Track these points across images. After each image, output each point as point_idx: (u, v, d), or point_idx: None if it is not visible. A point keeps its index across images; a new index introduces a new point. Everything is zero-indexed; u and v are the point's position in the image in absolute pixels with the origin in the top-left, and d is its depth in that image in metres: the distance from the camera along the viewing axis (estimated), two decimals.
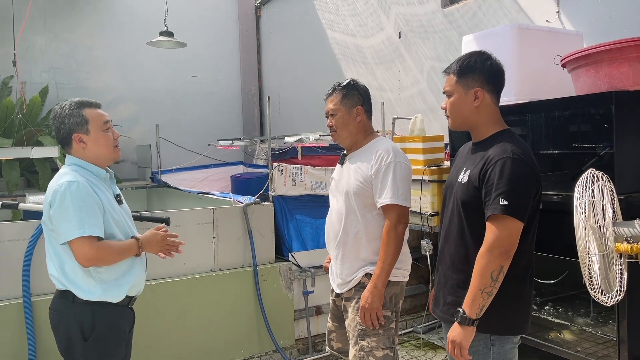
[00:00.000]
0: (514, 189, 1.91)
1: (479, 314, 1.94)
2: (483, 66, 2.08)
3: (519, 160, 1.95)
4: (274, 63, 8.58)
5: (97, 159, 2.38)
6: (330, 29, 6.94)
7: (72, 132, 2.33)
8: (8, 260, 3.22)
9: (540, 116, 3.46)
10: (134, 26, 7.80)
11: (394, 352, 2.60)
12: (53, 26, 7.70)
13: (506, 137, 2.06)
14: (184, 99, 8.43)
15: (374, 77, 6.15)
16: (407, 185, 2.57)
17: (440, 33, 5.21)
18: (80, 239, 2.16)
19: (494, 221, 1.93)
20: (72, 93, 7.70)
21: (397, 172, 2.52)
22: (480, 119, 2.11)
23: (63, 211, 2.18)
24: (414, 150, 4.47)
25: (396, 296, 2.63)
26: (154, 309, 3.64)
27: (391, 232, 2.50)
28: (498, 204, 1.91)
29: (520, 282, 2.07)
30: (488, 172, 1.98)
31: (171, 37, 5.76)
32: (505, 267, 1.93)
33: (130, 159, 8.10)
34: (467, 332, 1.95)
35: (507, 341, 2.07)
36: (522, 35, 3.47)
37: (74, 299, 2.24)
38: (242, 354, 4.00)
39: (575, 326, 3.46)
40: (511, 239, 1.92)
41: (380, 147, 2.59)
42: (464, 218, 2.09)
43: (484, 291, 1.93)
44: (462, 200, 2.08)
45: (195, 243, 3.88)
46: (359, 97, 2.67)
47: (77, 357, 2.27)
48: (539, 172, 2.04)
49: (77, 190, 2.21)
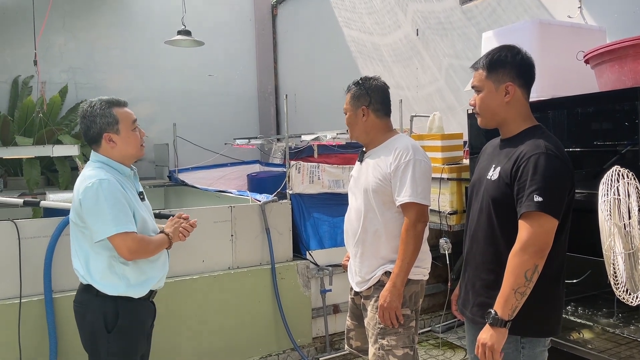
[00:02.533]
0: (549, 185, 1.85)
1: (511, 315, 1.87)
2: (514, 60, 2.03)
3: (553, 155, 1.89)
4: (290, 62, 8.58)
5: (124, 157, 2.42)
6: (346, 27, 6.91)
7: (102, 132, 2.36)
8: (30, 257, 3.26)
9: (563, 113, 3.42)
10: (151, 26, 7.86)
11: (414, 351, 2.58)
12: (72, 26, 7.79)
13: (538, 133, 2.00)
14: (200, 98, 8.47)
15: (392, 75, 6.11)
16: (427, 183, 2.54)
17: (459, 30, 5.16)
18: (120, 234, 2.21)
19: (528, 219, 1.86)
20: (91, 93, 7.78)
21: (416, 169, 2.48)
22: (510, 115, 2.05)
23: (98, 209, 2.21)
24: (433, 148, 4.43)
25: (416, 295, 2.60)
26: (173, 306, 3.65)
27: (410, 230, 2.48)
28: (532, 201, 1.84)
29: (553, 282, 2.00)
30: (521, 168, 1.91)
31: (189, 35, 5.78)
32: (540, 267, 1.86)
33: (147, 158, 8.16)
34: (499, 334, 1.88)
35: (538, 344, 2.01)
36: (543, 31, 3.42)
37: (98, 293, 2.29)
38: (260, 351, 4.00)
39: (598, 326, 3.40)
40: (546, 237, 1.85)
41: (399, 145, 2.56)
42: (494, 216, 2.02)
43: (518, 291, 1.85)
44: (493, 197, 2.02)
45: (214, 241, 3.90)
46: (366, 97, 2.63)
47: (101, 349, 2.31)
48: (573, 169, 1.97)
49: (109, 188, 2.24)
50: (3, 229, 3.23)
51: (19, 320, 3.15)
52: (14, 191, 6.16)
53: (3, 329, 3.14)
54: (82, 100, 7.68)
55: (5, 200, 3.53)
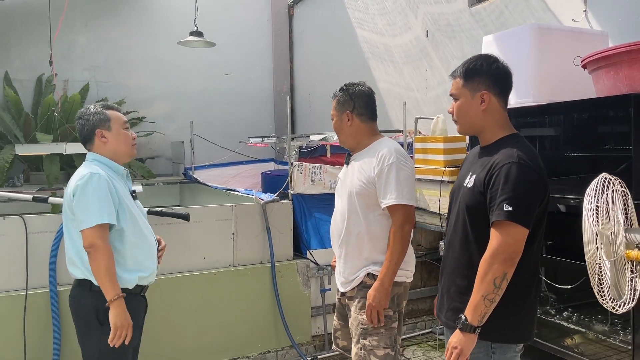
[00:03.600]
0: (519, 195, 1.88)
1: (480, 321, 1.92)
2: (489, 69, 2.06)
3: (525, 165, 1.92)
4: (305, 61, 8.65)
5: (116, 154, 2.57)
6: (359, 28, 6.94)
7: (95, 128, 2.54)
8: (36, 251, 3.41)
9: (559, 118, 3.40)
10: (169, 26, 8.00)
11: (395, 351, 2.64)
12: (94, 26, 8.00)
13: (513, 142, 2.03)
14: (217, 97, 8.60)
15: (402, 76, 6.13)
16: (411, 185, 2.61)
17: (467, 32, 5.15)
18: (98, 226, 2.33)
19: (498, 227, 1.91)
20: (111, 91, 8.01)
21: (400, 172, 2.55)
22: (487, 123, 2.09)
23: (85, 200, 2.36)
24: (435, 151, 4.45)
25: (399, 296, 2.67)
26: (173, 301, 3.77)
27: (398, 232, 2.54)
28: (502, 210, 1.88)
29: (525, 290, 2.04)
30: (493, 177, 1.95)
31: (201, 37, 5.90)
32: (509, 275, 1.90)
33: (165, 155, 8.35)
34: (469, 338, 1.93)
35: (509, 349, 2.04)
36: (542, 36, 3.41)
37: (91, 287, 2.41)
38: (259, 348, 4.09)
39: (592, 333, 3.38)
40: (516, 246, 1.89)
41: (382, 149, 2.62)
42: (469, 223, 2.06)
43: (487, 298, 1.90)
44: (467, 204, 2.06)
45: (215, 239, 4.00)
46: (350, 102, 2.73)
47: (93, 341, 2.44)
48: (546, 179, 2.00)
49: (98, 182, 2.39)
50: (12, 224, 3.39)
51: (25, 310, 3.31)
52: (35, 185, 6.40)
53: (9, 319, 3.29)
54: (103, 97, 7.93)
55: (15, 196, 3.69)
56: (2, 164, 6.01)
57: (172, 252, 3.83)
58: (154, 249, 2.65)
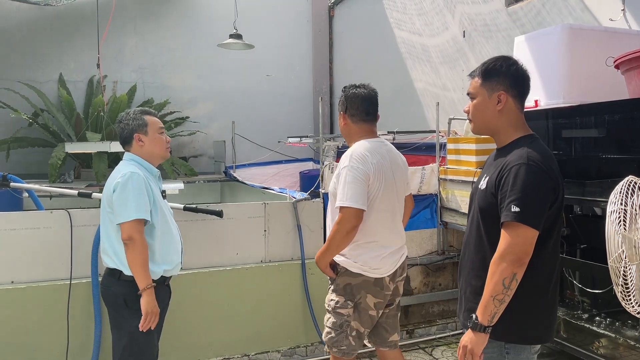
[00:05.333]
0: (527, 196, 1.90)
1: (491, 320, 1.94)
2: (508, 70, 2.08)
3: (535, 167, 1.93)
4: (344, 62, 8.72)
5: (151, 156, 2.78)
6: (397, 28, 6.96)
7: (134, 132, 2.76)
8: (80, 243, 3.62)
9: (591, 120, 3.35)
10: (212, 28, 8.23)
11: (340, 336, 2.82)
12: (142, 29, 8.34)
13: (526, 143, 2.03)
14: (258, 97, 8.80)
15: (438, 76, 6.11)
16: (357, 187, 2.69)
17: (504, 32, 5.10)
18: (135, 221, 2.54)
19: (507, 228, 1.93)
20: (157, 91, 8.32)
21: (348, 176, 2.69)
22: (502, 124, 2.10)
23: (124, 196, 2.57)
24: (467, 152, 4.44)
25: (351, 287, 2.82)
26: (207, 295, 3.92)
27: (334, 227, 2.72)
28: (510, 211, 1.90)
29: (540, 292, 2.05)
30: (503, 178, 1.97)
31: (240, 39, 6.06)
32: (519, 275, 1.91)
33: (207, 154, 8.61)
34: (480, 338, 1.95)
35: (523, 350, 2.05)
36: (574, 36, 3.36)
37: (120, 276, 2.61)
38: (289, 343, 4.20)
39: (622, 338, 3.32)
40: (524, 247, 1.90)
41: (347, 152, 2.81)
42: (482, 224, 2.09)
43: (496, 298, 1.92)
44: (481, 206, 2.09)
45: (248, 235, 4.13)
46: (344, 103, 2.92)
47: (124, 325, 2.64)
48: (559, 180, 1.99)
49: (138, 180, 2.60)
50: (59, 218, 3.62)
51: (69, 299, 3.53)
52: (84, 182, 6.75)
53: (55, 307, 3.52)
54: (149, 98, 8.25)
55: (63, 192, 3.93)
56: (54, 161, 6.37)
57: (206, 247, 4.01)
58: (179, 244, 2.86)
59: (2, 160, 6.85)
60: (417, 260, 4.71)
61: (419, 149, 5.47)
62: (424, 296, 4.75)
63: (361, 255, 2.78)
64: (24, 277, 3.53)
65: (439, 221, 4.79)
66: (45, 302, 3.51)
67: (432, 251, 4.81)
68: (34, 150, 7.24)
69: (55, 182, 6.39)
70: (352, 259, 2.79)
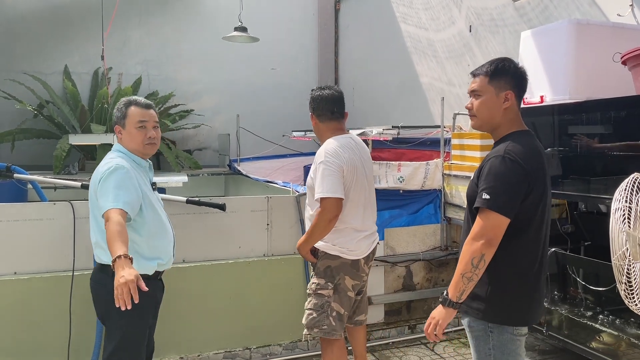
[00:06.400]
0: (496, 185, 2.05)
1: (459, 297, 2.10)
2: (516, 71, 2.21)
3: (509, 158, 2.06)
4: (350, 56, 8.69)
5: (134, 149, 2.71)
6: (403, 22, 6.92)
7: (115, 124, 2.71)
8: (83, 235, 3.60)
9: (597, 116, 3.32)
10: (217, 21, 8.20)
11: (321, 317, 3.08)
12: (147, 21, 8.32)
13: (513, 138, 2.16)
14: (263, 91, 8.77)
15: (444, 71, 6.08)
16: (335, 179, 2.97)
17: (510, 27, 5.05)
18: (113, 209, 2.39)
19: (479, 214, 2.10)
20: (162, 84, 8.31)
21: (325, 170, 2.96)
22: (503, 121, 2.22)
23: (105, 188, 2.48)
24: (471, 147, 4.42)
25: (331, 269, 3.09)
26: (208, 288, 3.93)
27: (317, 216, 2.99)
28: (481, 198, 2.07)
29: (522, 277, 2.19)
30: (482, 169, 2.15)
31: (245, 32, 6.04)
32: (487, 256, 2.07)
33: (212, 147, 8.60)
34: (448, 312, 2.13)
35: (505, 331, 2.18)
36: (581, 32, 3.33)
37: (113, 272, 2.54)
38: (291, 336, 4.20)
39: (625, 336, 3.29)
40: (494, 231, 2.06)
41: (320, 149, 3.07)
42: (469, 212, 2.25)
43: (464, 276, 2.08)
44: (468, 195, 2.25)
45: (250, 229, 4.13)
46: (311, 104, 3.18)
47: (114, 320, 2.60)
48: (536, 173, 2.10)
49: (121, 172, 2.53)
50: (61, 209, 3.62)
51: (71, 290, 3.54)
52: (88, 173, 6.74)
53: (57, 298, 3.53)
54: (154, 90, 8.24)
55: (66, 183, 3.94)
56: (59, 152, 6.38)
57: (209, 241, 4.01)
58: (172, 237, 2.80)
59: (7, 151, 6.86)
60: (420, 256, 4.70)
61: (423, 144, 5.44)
62: (427, 292, 4.74)
63: (338, 238, 3.06)
64: (27, 268, 3.54)
65: (443, 217, 4.78)
66: (47, 293, 3.52)
67: (435, 247, 4.80)
68: (39, 142, 7.24)
69: (59, 173, 6.40)
70: (331, 242, 3.06)
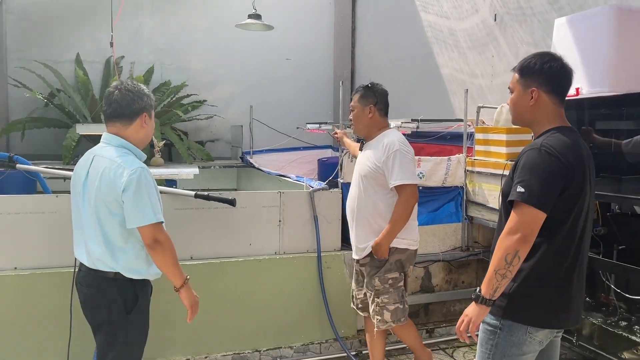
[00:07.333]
0: (532, 178, 1.99)
1: (492, 294, 2.04)
2: (542, 68, 2.15)
3: (545, 151, 2.01)
4: (367, 46, 8.42)
5: (143, 141, 2.52)
6: (424, 11, 6.64)
7: (144, 110, 2.44)
8: None
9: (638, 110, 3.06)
10: (231, 9, 7.98)
11: (404, 304, 3.31)
12: (160, 9, 8.13)
13: (552, 132, 2.12)
14: (277, 82, 8.55)
15: (466, 61, 5.81)
16: (413, 167, 3.21)
17: (539, 15, 4.77)
18: (155, 224, 2.30)
19: (514, 208, 2.03)
20: (175, 73, 8.14)
21: (403, 157, 3.11)
22: (535, 117, 2.19)
23: (140, 197, 2.27)
24: (497, 143, 4.18)
25: (401, 262, 3.26)
26: (217, 286, 3.76)
27: (402, 205, 3.12)
28: (516, 191, 2.01)
29: (548, 276, 2.09)
30: (518, 162, 2.11)
31: (259, 19, 5.83)
32: (522, 253, 1.99)
33: (224, 138, 8.42)
34: (481, 310, 2.07)
35: (518, 330, 2.11)
36: (622, 18, 3.07)
37: (115, 275, 2.35)
38: (302, 339, 4.02)
39: None
40: (529, 226, 1.99)
41: (388, 139, 3.19)
42: (502, 208, 2.21)
43: (498, 272, 2.02)
44: (503, 190, 2.20)
45: (262, 225, 3.94)
46: (374, 97, 3.31)
47: (119, 330, 2.39)
48: (575, 168, 2.02)
49: (148, 178, 2.33)
50: (64, 202, 3.45)
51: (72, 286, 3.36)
52: None
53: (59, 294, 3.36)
54: (166, 80, 8.07)
55: (68, 174, 3.76)
56: (69, 142, 6.24)
57: (218, 237, 3.83)
58: None
59: (17, 140, 6.75)
60: (440, 256, 4.48)
61: (443, 138, 5.20)
62: (446, 294, 4.53)
63: (404, 231, 3.18)
64: (28, 263, 3.40)
65: (464, 215, 4.55)
66: (48, 289, 3.38)
67: (456, 247, 4.57)
68: (49, 131, 7.11)
69: (69, 163, 6.25)
70: (400, 236, 3.19)
